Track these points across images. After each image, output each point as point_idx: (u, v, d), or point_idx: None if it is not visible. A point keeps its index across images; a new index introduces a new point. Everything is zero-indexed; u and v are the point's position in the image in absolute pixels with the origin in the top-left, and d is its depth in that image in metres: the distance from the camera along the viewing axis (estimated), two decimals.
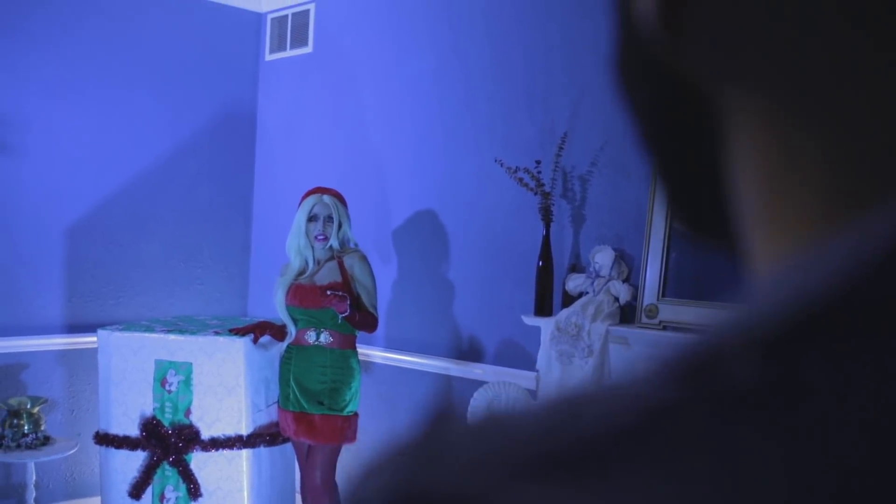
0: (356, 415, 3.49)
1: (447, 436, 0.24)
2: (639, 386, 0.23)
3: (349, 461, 4.14)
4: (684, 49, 0.28)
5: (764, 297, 0.23)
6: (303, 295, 3.41)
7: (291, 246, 3.47)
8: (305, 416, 3.41)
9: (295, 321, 3.46)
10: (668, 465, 0.21)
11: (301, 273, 3.46)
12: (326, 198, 3.44)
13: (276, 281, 3.54)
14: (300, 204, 3.49)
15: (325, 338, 3.41)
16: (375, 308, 3.46)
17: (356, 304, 3.38)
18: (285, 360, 3.51)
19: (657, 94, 0.31)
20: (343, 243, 3.45)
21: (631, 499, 0.21)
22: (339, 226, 3.42)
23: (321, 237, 3.41)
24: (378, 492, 0.24)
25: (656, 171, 0.33)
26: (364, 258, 3.47)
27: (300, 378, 3.42)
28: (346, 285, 3.39)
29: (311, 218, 3.42)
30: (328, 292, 3.29)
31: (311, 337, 3.42)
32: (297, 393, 3.42)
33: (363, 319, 3.38)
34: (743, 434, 0.21)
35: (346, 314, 3.31)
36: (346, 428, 3.42)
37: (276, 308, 3.51)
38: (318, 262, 3.46)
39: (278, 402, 3.55)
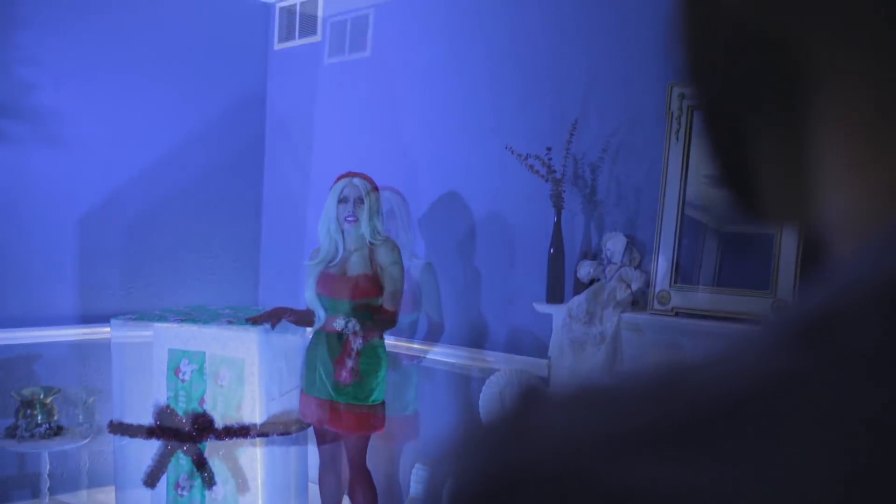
0: (382, 403, 3.50)
1: (538, 412, 0.23)
2: (748, 352, 0.22)
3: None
4: (777, 8, 0.26)
5: (872, 262, 0.22)
6: (332, 285, 3.43)
7: (321, 230, 3.48)
8: (331, 404, 3.41)
9: (324, 308, 3.47)
10: (792, 433, 0.20)
11: (332, 260, 3.46)
12: (356, 180, 3.45)
13: (307, 266, 3.55)
14: (331, 189, 3.50)
15: (352, 325, 3.42)
16: (396, 298, 3.45)
17: (374, 314, 3.43)
18: (312, 346, 3.51)
19: (730, 54, 0.29)
20: (375, 233, 3.45)
21: (755, 469, 0.19)
22: (370, 208, 3.42)
23: (351, 218, 3.40)
24: (467, 469, 0.22)
25: (714, 135, 0.31)
26: (394, 247, 3.48)
27: (327, 363, 3.42)
28: (375, 277, 3.41)
29: (342, 200, 3.43)
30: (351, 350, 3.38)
31: (339, 324, 3.42)
32: (324, 378, 3.42)
33: (381, 323, 3.43)
34: (872, 397, 0.20)
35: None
36: (371, 416, 3.43)
37: (305, 293, 3.51)
38: (348, 249, 3.47)
39: (301, 387, 3.54)
